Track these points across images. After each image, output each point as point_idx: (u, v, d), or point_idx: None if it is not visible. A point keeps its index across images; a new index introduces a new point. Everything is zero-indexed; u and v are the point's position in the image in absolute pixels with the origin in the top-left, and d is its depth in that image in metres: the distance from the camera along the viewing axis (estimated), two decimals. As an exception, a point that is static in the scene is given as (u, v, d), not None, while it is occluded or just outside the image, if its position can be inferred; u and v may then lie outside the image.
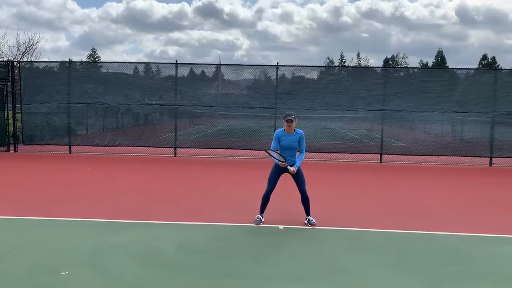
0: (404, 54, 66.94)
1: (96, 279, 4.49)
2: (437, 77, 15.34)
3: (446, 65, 58.67)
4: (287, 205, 7.79)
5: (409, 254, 5.44)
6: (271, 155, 6.55)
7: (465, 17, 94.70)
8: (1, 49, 23.00)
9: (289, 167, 6.37)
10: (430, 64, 61.49)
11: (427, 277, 4.74)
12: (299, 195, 8.71)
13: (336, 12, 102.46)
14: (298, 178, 6.53)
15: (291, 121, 6.35)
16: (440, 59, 61.73)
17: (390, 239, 6.04)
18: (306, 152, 6.76)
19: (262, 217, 6.55)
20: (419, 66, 54.87)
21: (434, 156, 13.77)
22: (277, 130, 6.59)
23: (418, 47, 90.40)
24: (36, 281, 4.39)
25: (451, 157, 13.70)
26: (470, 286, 4.60)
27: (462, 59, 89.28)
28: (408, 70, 22.13)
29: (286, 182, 10.11)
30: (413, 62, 70.96)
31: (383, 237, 6.14)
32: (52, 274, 4.55)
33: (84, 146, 14.71)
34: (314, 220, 6.51)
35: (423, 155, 13.81)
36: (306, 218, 6.56)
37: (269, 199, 6.55)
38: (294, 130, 6.49)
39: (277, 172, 6.52)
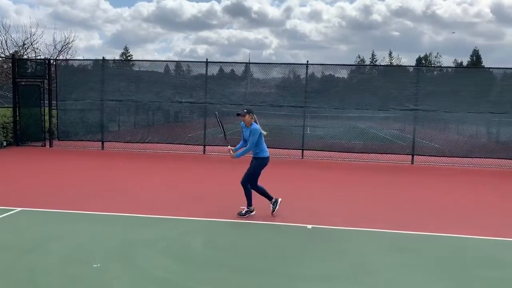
0: (438, 53, 65.22)
1: (127, 272, 4.58)
2: (472, 77, 14.85)
3: (482, 64, 56.86)
4: (314, 205, 7.74)
5: (438, 257, 5.30)
6: (219, 122, 7.20)
7: (501, 14, 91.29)
8: (38, 48, 23.84)
9: (229, 147, 6.86)
10: (465, 63, 59.76)
11: (456, 281, 4.63)
12: (326, 196, 8.67)
13: (366, 10, 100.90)
14: (247, 169, 6.78)
15: (241, 115, 6.70)
16: (476, 58, 59.92)
17: (419, 242, 5.91)
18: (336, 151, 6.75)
19: (248, 210, 6.82)
20: (453, 66, 53.40)
21: (468, 158, 13.37)
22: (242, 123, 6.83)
23: (452, 46, 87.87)
24: (68, 273, 4.51)
25: (486, 159, 13.27)
26: (506, 292, 4.44)
27: (499, 59, 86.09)
28: (441, 70, 21.51)
29: (310, 182, 10.08)
30: (446, 61, 68.92)
31: (412, 239, 6.01)
32: (84, 266, 4.68)
33: (116, 142, 15.05)
34: (242, 212, 6.74)
35: (456, 157, 13.43)
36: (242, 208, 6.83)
37: (248, 190, 6.83)
38: (251, 124, 6.67)
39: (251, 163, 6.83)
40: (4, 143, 14.51)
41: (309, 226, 6.34)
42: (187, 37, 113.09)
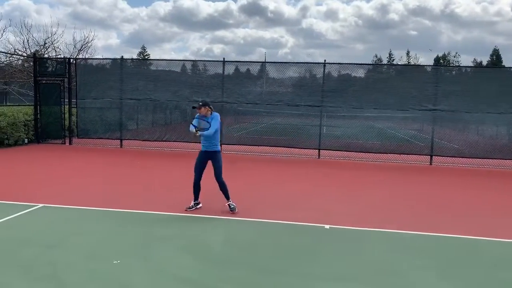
0: (456, 53, 64.24)
1: (146, 269, 4.64)
2: (492, 77, 14.62)
3: (503, 64, 55.78)
4: (332, 205, 7.72)
5: (455, 259, 5.26)
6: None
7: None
8: (59, 47, 24.24)
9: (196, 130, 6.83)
10: (484, 63, 58.73)
11: (473, 283, 4.59)
12: (344, 196, 8.64)
13: (383, 9, 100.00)
14: (216, 167, 6.94)
15: (196, 108, 6.91)
16: (496, 57, 58.82)
17: (437, 243, 5.84)
18: (352, 150, 6.62)
19: (196, 203, 7.03)
20: (473, 65, 52.55)
21: (488, 159, 13.16)
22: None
23: (471, 45, 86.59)
24: (90, 268, 4.60)
25: (507, 160, 13.04)
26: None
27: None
28: (460, 69, 21.21)
29: (327, 182, 9.99)
30: (465, 60, 67.89)
31: (431, 240, 5.95)
32: (105, 262, 4.76)
33: (134, 141, 15.22)
34: (234, 205, 6.89)
35: (476, 158, 13.23)
36: (227, 203, 6.95)
37: (199, 186, 7.02)
38: (211, 113, 6.94)
39: (201, 158, 7.02)
40: (26, 141, 14.82)
41: (327, 226, 6.33)
42: (203, 37, 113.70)
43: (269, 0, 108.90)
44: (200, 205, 7.05)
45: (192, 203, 7.01)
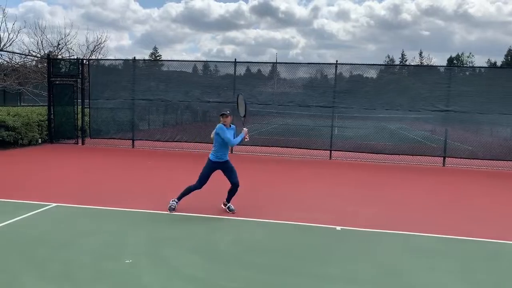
0: (470, 53, 63.36)
1: (158, 268, 4.66)
2: (506, 77, 14.41)
3: (517, 64, 54.94)
4: (343, 206, 7.68)
5: (469, 262, 5.20)
6: (239, 104, 7.36)
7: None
8: (72, 48, 24.48)
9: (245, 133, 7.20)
10: (499, 63, 57.92)
11: (484, 286, 4.53)
12: (355, 197, 8.58)
13: (395, 9, 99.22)
14: (231, 172, 7.01)
15: (224, 115, 6.95)
16: (511, 58, 57.99)
17: (451, 245, 5.77)
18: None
19: (177, 203, 6.91)
20: (487, 66, 51.84)
21: (502, 161, 12.98)
22: (220, 125, 6.98)
23: (484, 46, 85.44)
24: (102, 268, 4.63)
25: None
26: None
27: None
28: (474, 70, 20.93)
29: (339, 183, 9.91)
30: (479, 61, 66.88)
31: (444, 242, 5.88)
32: (117, 261, 4.78)
33: (146, 141, 15.31)
34: (233, 208, 6.94)
35: (490, 160, 13.05)
36: (226, 205, 7.01)
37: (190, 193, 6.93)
38: (230, 126, 7.04)
39: (212, 169, 6.99)
40: (39, 141, 15.00)
41: (338, 228, 6.29)
42: (215, 37, 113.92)
43: (280, 0, 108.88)
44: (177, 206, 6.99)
45: (175, 203, 6.92)
